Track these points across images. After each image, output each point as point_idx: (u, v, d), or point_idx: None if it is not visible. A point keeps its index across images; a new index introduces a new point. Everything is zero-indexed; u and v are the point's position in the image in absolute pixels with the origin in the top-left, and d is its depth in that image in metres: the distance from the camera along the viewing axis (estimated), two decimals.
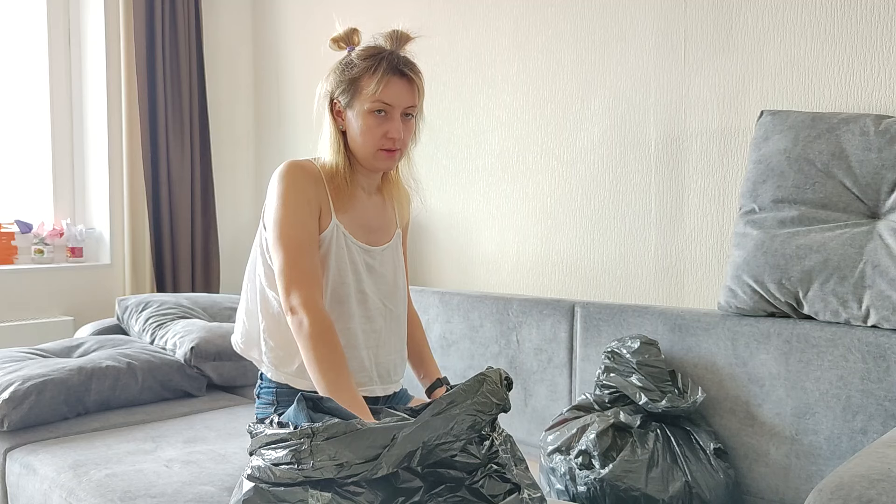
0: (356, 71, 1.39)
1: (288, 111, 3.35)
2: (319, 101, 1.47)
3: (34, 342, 2.84)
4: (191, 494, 1.52)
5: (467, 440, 1.08)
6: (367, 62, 1.39)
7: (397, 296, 1.56)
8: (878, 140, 1.51)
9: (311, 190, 1.41)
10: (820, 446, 1.52)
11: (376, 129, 1.40)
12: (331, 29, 1.52)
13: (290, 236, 1.37)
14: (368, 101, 1.38)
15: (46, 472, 1.72)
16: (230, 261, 3.53)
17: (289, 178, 1.40)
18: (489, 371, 1.17)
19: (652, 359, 1.69)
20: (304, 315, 1.31)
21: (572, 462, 1.60)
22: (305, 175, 1.42)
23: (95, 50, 3.14)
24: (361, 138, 1.41)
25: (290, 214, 1.38)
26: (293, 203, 1.38)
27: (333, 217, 1.44)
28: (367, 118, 1.39)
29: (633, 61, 2.09)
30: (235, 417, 2.08)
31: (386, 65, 1.38)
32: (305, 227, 1.38)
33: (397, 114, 1.41)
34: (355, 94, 1.40)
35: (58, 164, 3.19)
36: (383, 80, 1.37)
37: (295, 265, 1.35)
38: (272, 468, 1.04)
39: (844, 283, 1.50)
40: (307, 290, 1.34)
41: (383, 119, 1.40)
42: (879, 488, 0.92)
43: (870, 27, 1.67)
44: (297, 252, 1.36)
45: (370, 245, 1.50)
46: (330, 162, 1.45)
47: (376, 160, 1.43)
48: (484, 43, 2.48)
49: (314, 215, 1.41)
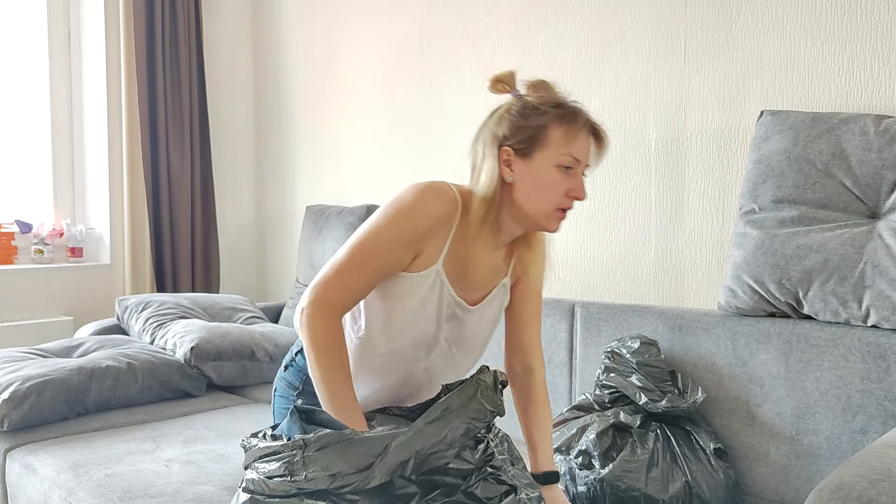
0: (545, 118, 1.23)
1: (288, 111, 3.35)
2: (484, 143, 1.27)
3: (34, 342, 2.84)
4: (190, 494, 1.52)
5: (461, 447, 1.07)
6: (558, 110, 1.23)
7: (475, 355, 1.42)
8: (878, 140, 1.51)
9: (433, 223, 1.23)
10: (820, 446, 1.52)
11: (560, 186, 1.24)
12: (331, 29, 1.51)
13: (363, 252, 1.22)
14: (557, 154, 1.23)
15: (46, 472, 1.72)
16: (230, 261, 3.53)
17: (419, 200, 1.23)
18: (483, 374, 1.16)
19: (652, 359, 1.69)
20: (321, 319, 1.21)
21: (572, 462, 1.59)
22: (440, 205, 1.24)
23: (95, 50, 3.14)
24: (539, 194, 1.24)
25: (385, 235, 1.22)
26: (399, 227, 1.23)
27: (440, 262, 1.27)
28: (551, 172, 1.23)
29: (633, 61, 2.09)
30: (235, 417, 2.08)
31: (582, 118, 1.25)
32: (389, 256, 1.22)
33: (581, 171, 1.26)
34: (539, 143, 1.23)
35: (58, 164, 3.19)
36: (579, 134, 1.24)
37: (341, 276, 1.22)
38: (266, 481, 1.04)
39: (844, 283, 1.50)
40: (335, 301, 1.22)
41: (568, 175, 1.24)
42: (879, 488, 0.92)
43: (870, 27, 1.67)
44: (354, 269, 1.22)
45: (468, 302, 1.33)
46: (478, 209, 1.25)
47: (548, 219, 1.26)
48: (484, 43, 2.48)
49: (411, 252, 1.24)
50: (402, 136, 2.80)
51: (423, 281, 1.26)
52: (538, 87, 1.28)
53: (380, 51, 2.87)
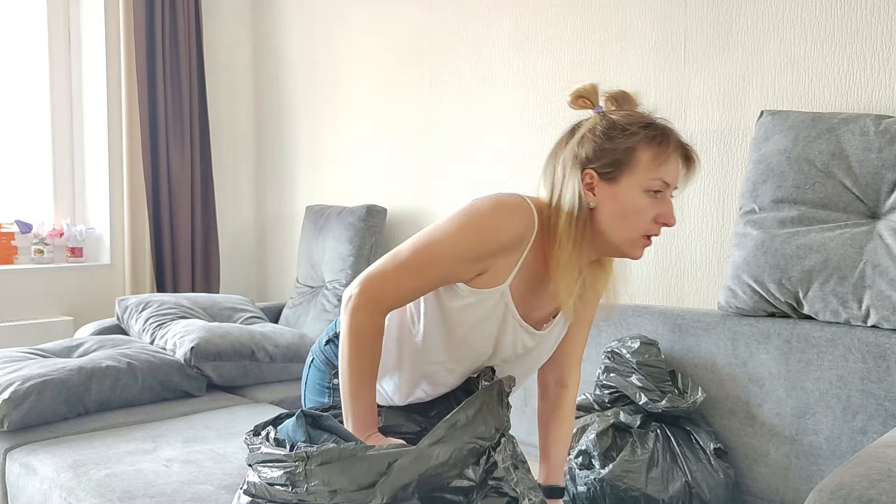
0: (633, 140, 1.14)
1: (288, 111, 3.35)
2: (565, 164, 1.18)
3: (34, 342, 2.84)
4: (189, 494, 1.52)
5: (464, 465, 1.05)
6: (648, 131, 1.14)
7: (525, 374, 1.36)
8: (878, 140, 1.51)
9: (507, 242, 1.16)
10: (820, 446, 1.52)
11: (648, 212, 1.15)
12: (331, 29, 1.51)
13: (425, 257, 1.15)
14: (646, 178, 1.13)
15: (46, 472, 1.72)
16: (230, 261, 3.53)
17: (497, 215, 1.16)
18: (489, 388, 1.12)
19: (652, 359, 1.68)
20: (366, 314, 1.15)
21: (572, 462, 1.59)
22: (518, 224, 1.16)
23: (95, 50, 3.14)
24: (626, 221, 1.15)
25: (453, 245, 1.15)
26: (470, 239, 1.15)
27: (508, 282, 1.18)
28: (639, 197, 1.14)
29: (633, 61, 2.09)
30: (235, 417, 2.08)
31: (673, 140, 1.15)
32: (452, 267, 1.15)
33: (669, 194, 1.18)
34: (626, 167, 1.14)
35: (58, 164, 3.19)
36: (671, 156, 1.15)
37: (398, 276, 1.15)
38: (268, 487, 1.04)
39: (844, 283, 1.50)
40: (386, 299, 1.16)
41: (657, 200, 1.15)
42: (879, 488, 0.92)
43: (870, 27, 1.67)
44: (412, 272, 1.15)
45: (530, 322, 1.25)
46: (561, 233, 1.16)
47: (633, 247, 1.18)
48: (484, 43, 2.48)
49: (474, 268, 1.16)
50: (402, 135, 2.80)
51: (487, 299, 1.19)
52: (622, 102, 1.20)
53: (380, 51, 2.87)
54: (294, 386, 2.46)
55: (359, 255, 2.70)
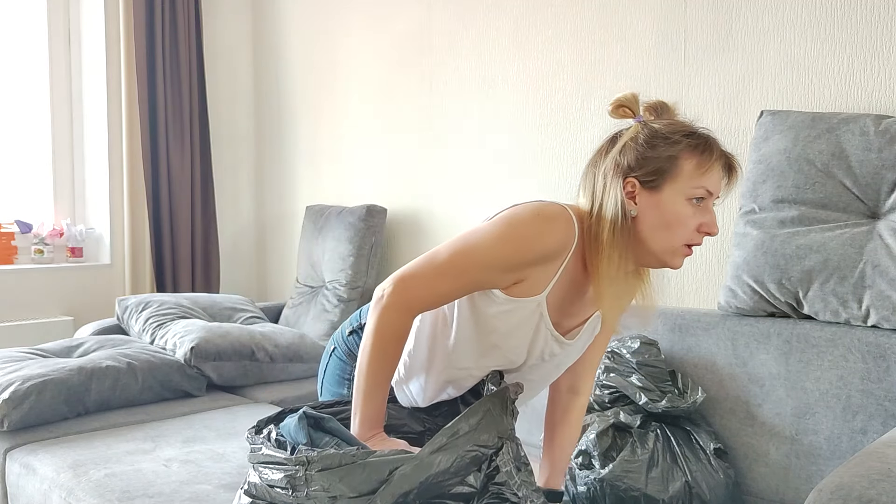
0: (676, 149, 1.13)
1: (288, 111, 3.35)
2: (606, 173, 1.17)
3: (34, 342, 2.84)
4: (188, 493, 1.52)
5: (466, 473, 1.05)
6: (690, 140, 1.14)
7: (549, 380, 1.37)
8: (878, 140, 1.51)
9: (547, 253, 1.15)
10: (820, 446, 1.52)
11: (691, 221, 1.14)
12: (331, 29, 1.51)
13: (463, 260, 1.14)
14: (689, 187, 1.13)
15: (46, 472, 1.72)
16: (230, 261, 3.53)
17: (540, 225, 1.15)
18: (494, 395, 1.11)
19: (652, 359, 1.68)
20: (397, 314, 1.13)
21: (572, 462, 1.59)
22: (559, 236, 1.15)
23: (95, 50, 3.14)
24: (668, 230, 1.15)
25: (492, 252, 1.13)
26: (509, 248, 1.14)
27: (545, 294, 1.18)
28: (682, 206, 1.14)
29: (633, 61, 2.09)
30: (235, 417, 2.08)
31: (717, 149, 1.16)
32: (488, 273, 1.14)
33: (711, 203, 1.17)
34: (669, 175, 1.13)
35: (58, 164, 3.19)
36: (715, 166, 1.15)
37: (434, 279, 1.14)
38: (268, 489, 1.04)
39: (844, 283, 1.50)
40: (419, 301, 1.15)
41: (700, 209, 1.15)
42: (879, 488, 0.92)
43: (870, 27, 1.67)
44: (447, 275, 1.13)
45: (562, 332, 1.25)
46: (604, 243, 1.16)
47: (675, 256, 1.17)
48: (484, 43, 2.48)
49: (511, 277, 1.16)
50: (402, 136, 2.80)
51: (523, 308, 1.18)
52: (661, 112, 1.21)
53: (380, 50, 2.87)
54: (294, 386, 2.46)
55: (359, 255, 2.70)
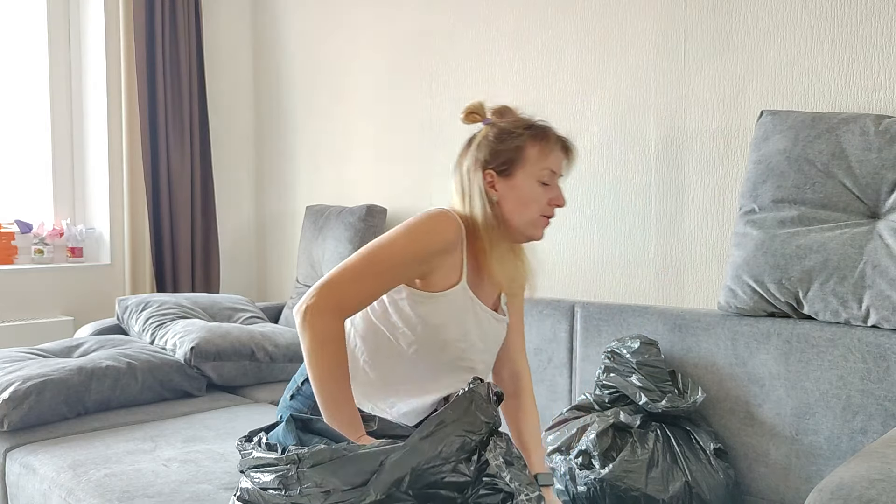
0: (520, 140, 1.36)
1: (288, 111, 3.35)
2: (468, 170, 1.39)
3: (34, 342, 2.84)
4: (188, 493, 1.52)
5: (457, 461, 1.06)
6: (531, 131, 1.37)
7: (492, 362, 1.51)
8: (878, 140, 1.51)
9: (443, 246, 1.32)
10: (820, 446, 1.52)
11: (542, 197, 1.37)
12: (331, 29, 1.52)
13: (374, 260, 1.28)
14: (537, 170, 1.36)
15: (46, 472, 1.72)
16: (230, 261, 3.53)
17: (431, 223, 1.33)
18: (478, 386, 1.15)
19: (652, 359, 1.68)
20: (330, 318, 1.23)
21: (572, 462, 1.59)
22: (449, 231, 1.33)
23: (95, 50, 3.14)
24: (525, 207, 1.37)
25: (397, 247, 1.29)
26: (410, 243, 1.30)
27: (464, 280, 1.36)
28: (534, 186, 1.36)
29: (633, 61, 2.09)
30: (235, 417, 2.08)
31: (552, 135, 1.39)
32: (399, 267, 1.29)
33: (557, 181, 1.40)
34: (517, 163, 1.36)
35: (58, 164, 3.19)
36: (553, 149, 1.37)
37: (352, 280, 1.26)
38: (261, 492, 1.04)
39: (844, 283, 1.50)
40: (346, 302, 1.26)
41: (549, 187, 1.38)
42: (879, 488, 0.92)
43: (870, 27, 1.67)
44: (363, 274, 1.27)
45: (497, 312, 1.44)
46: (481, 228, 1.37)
47: (535, 227, 1.39)
48: (484, 43, 2.48)
49: (418, 268, 1.32)
50: (402, 136, 2.80)
51: (452, 300, 1.35)
52: (505, 113, 1.42)
53: (380, 51, 2.87)
54: None
55: None
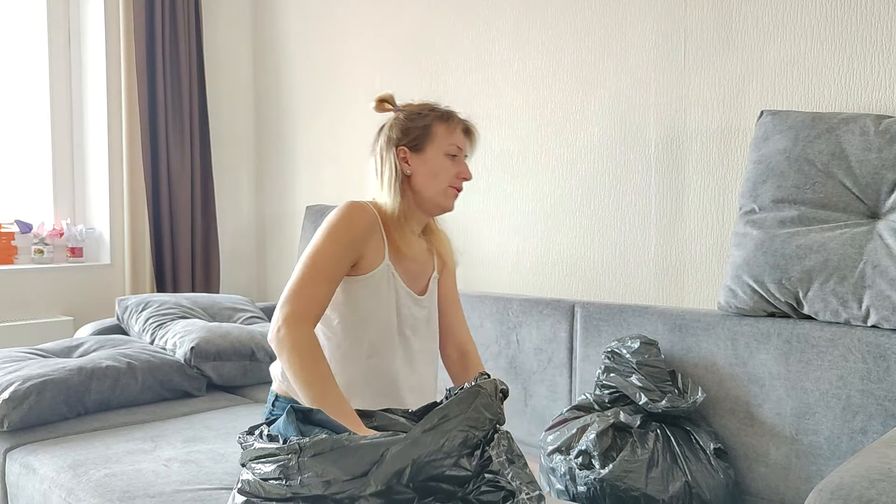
0: (428, 119, 1.51)
1: (288, 111, 3.35)
2: (381, 149, 1.52)
3: (34, 342, 2.84)
4: (189, 493, 1.52)
5: (459, 455, 1.06)
6: (436, 112, 1.53)
7: (435, 340, 1.62)
8: (878, 140, 1.51)
9: (363, 231, 1.44)
10: (820, 446, 1.52)
11: (451, 170, 1.50)
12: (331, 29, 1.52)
13: (317, 263, 1.40)
14: (444, 145, 1.50)
15: (46, 471, 1.72)
16: (230, 261, 3.53)
17: (345, 214, 1.45)
18: (484, 382, 1.14)
19: (652, 359, 1.68)
20: (289, 328, 1.33)
21: (572, 462, 1.59)
22: (363, 215, 1.45)
23: (95, 50, 3.14)
24: (436, 178, 1.50)
25: (329, 246, 1.41)
26: (337, 237, 1.42)
27: (386, 258, 1.48)
28: (442, 160, 1.50)
29: (633, 61, 2.09)
30: (235, 417, 2.08)
31: (455, 117, 1.54)
32: (338, 262, 1.41)
33: (463, 157, 1.54)
34: (427, 139, 1.50)
35: (58, 164, 3.19)
36: (457, 128, 1.52)
37: (305, 287, 1.38)
38: (262, 483, 1.03)
39: (844, 283, 1.50)
40: (308, 310, 1.36)
41: (455, 162, 1.51)
42: (879, 488, 0.92)
43: (870, 27, 1.67)
44: (314, 278, 1.39)
45: (417, 293, 1.54)
46: (391, 205, 1.49)
47: (446, 198, 1.51)
48: (484, 43, 2.48)
49: (352, 256, 1.43)
50: None
51: (380, 278, 1.47)
52: (413, 102, 1.57)
53: (380, 50, 2.87)
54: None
55: None
